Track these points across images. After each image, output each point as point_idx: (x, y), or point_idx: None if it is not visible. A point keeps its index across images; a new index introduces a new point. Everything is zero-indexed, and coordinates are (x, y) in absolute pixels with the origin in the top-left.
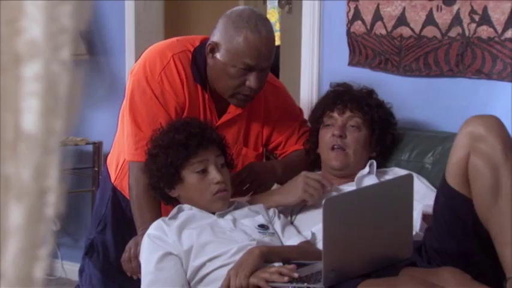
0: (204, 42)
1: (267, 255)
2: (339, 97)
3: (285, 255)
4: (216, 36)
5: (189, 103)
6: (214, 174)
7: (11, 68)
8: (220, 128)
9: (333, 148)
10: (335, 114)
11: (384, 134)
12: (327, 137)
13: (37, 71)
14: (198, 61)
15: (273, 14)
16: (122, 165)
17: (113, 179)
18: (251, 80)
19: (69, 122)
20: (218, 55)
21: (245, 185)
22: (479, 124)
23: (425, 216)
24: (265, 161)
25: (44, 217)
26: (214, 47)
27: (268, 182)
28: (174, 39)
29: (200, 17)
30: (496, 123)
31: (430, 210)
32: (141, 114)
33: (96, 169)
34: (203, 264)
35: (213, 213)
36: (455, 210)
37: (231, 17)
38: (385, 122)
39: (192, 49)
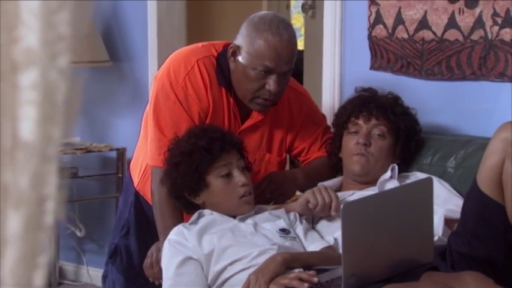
0: (227, 47)
1: (289, 262)
2: (365, 104)
3: (308, 261)
4: (238, 40)
5: (213, 108)
6: (239, 177)
7: (8, 76)
8: (243, 133)
9: (356, 154)
10: (360, 122)
11: (409, 142)
12: (351, 143)
13: (34, 79)
14: (222, 65)
15: (298, 19)
16: (144, 170)
17: (135, 184)
18: (270, 84)
19: (67, 130)
20: (239, 58)
21: (266, 195)
22: None
23: (447, 221)
24: (286, 170)
25: (42, 225)
26: (236, 50)
27: (289, 191)
28: (198, 44)
29: (222, 22)
30: None
31: (452, 215)
32: (164, 118)
33: (120, 175)
34: (224, 268)
35: (234, 217)
36: (487, 216)
37: (253, 20)
38: (410, 130)
39: (216, 54)
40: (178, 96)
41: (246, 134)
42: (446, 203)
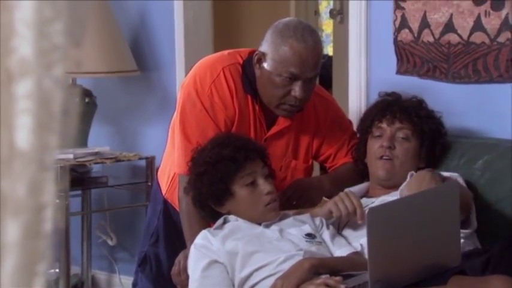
0: (253, 54)
1: (317, 268)
2: (388, 107)
3: (335, 267)
4: (263, 47)
5: (239, 115)
6: (264, 185)
7: (4, 86)
8: (269, 140)
9: (381, 158)
10: (384, 125)
11: (434, 145)
12: (375, 147)
13: (29, 89)
14: (248, 73)
15: (328, 25)
16: (172, 178)
17: (163, 192)
18: (296, 90)
19: (64, 138)
20: (265, 65)
21: (292, 203)
22: None
23: None
24: (312, 177)
25: (41, 232)
26: (261, 57)
27: (315, 199)
28: (224, 52)
29: (250, 29)
30: None
31: None
32: (191, 126)
33: (150, 184)
34: (250, 274)
35: (259, 224)
36: None
37: (278, 27)
38: (434, 133)
39: (241, 61)
40: (205, 104)
41: (271, 141)
42: None
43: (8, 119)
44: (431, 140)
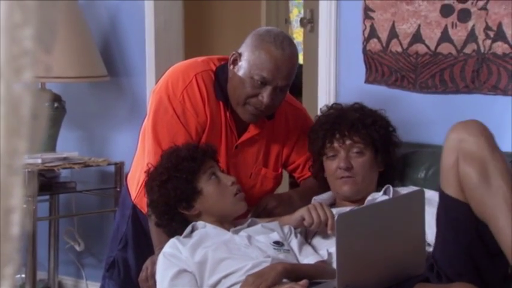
0: (226, 61)
1: (289, 272)
2: (335, 126)
3: (306, 273)
4: (241, 48)
5: (210, 122)
6: (226, 178)
7: None
8: (240, 147)
9: (341, 178)
10: (336, 145)
11: (387, 147)
12: (332, 168)
13: None
14: (220, 79)
15: (299, 33)
16: (142, 184)
17: (133, 197)
18: (264, 96)
19: (33, 143)
20: (239, 65)
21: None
22: (463, 128)
23: None
24: (281, 193)
25: (9, 236)
26: (237, 58)
27: (285, 214)
28: (197, 59)
29: (220, 37)
30: (478, 125)
31: None
32: (162, 132)
33: (118, 189)
34: (218, 281)
35: (227, 229)
36: (454, 216)
37: (260, 31)
38: (384, 136)
39: (214, 68)
40: (176, 111)
41: (242, 148)
42: None
43: None
44: (384, 144)
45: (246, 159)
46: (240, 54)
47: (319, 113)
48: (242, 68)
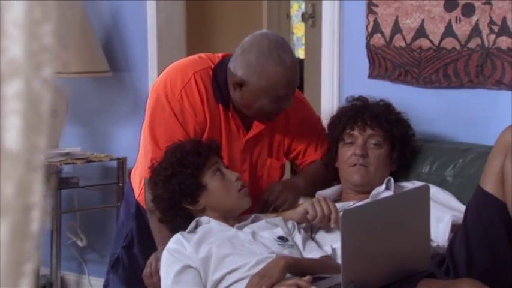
0: (224, 58)
1: (291, 267)
2: (358, 114)
3: (308, 268)
4: (240, 72)
5: (210, 122)
6: (231, 173)
7: None
8: (249, 142)
9: (354, 165)
10: (355, 132)
11: (404, 148)
12: (347, 154)
13: (18, 90)
14: (218, 79)
15: (299, 28)
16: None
17: (136, 195)
18: (286, 105)
19: (52, 139)
20: (246, 90)
21: (270, 205)
22: None
23: (454, 228)
24: (286, 179)
25: (28, 233)
26: (242, 83)
27: (291, 198)
28: (196, 56)
29: (223, 32)
30: None
31: (459, 221)
32: (159, 131)
33: (121, 185)
34: (222, 277)
35: (231, 225)
36: (488, 213)
37: (252, 53)
38: (404, 137)
39: (213, 66)
40: (174, 109)
41: (250, 143)
42: (453, 209)
43: None
44: (402, 144)
45: (254, 152)
46: (243, 80)
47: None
48: (252, 93)
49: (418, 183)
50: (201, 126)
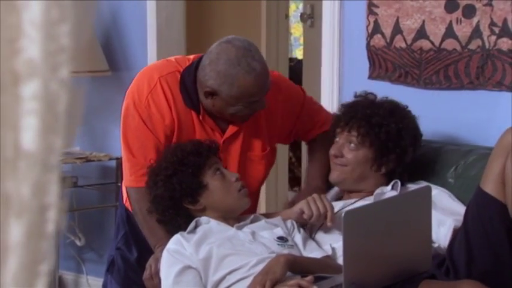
0: (193, 62)
1: (292, 264)
2: (344, 115)
3: (309, 266)
4: (209, 82)
5: (178, 125)
6: (230, 174)
7: (10, 87)
8: (226, 142)
9: (333, 163)
10: (338, 131)
11: (385, 155)
12: (330, 152)
13: (35, 90)
14: (186, 83)
15: (297, 28)
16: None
17: (124, 200)
18: (259, 107)
19: (69, 140)
20: (218, 98)
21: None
22: None
23: (455, 232)
24: (309, 188)
25: (44, 233)
26: (213, 93)
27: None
28: (164, 60)
29: (222, 31)
30: None
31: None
32: (132, 139)
33: (119, 184)
34: (223, 278)
35: (231, 225)
36: (488, 214)
37: (220, 62)
38: (385, 143)
39: (181, 70)
40: (142, 116)
41: (229, 142)
42: (454, 213)
43: (14, 120)
44: (381, 149)
45: (234, 150)
46: (214, 90)
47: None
48: (224, 100)
49: (423, 183)
50: (171, 129)
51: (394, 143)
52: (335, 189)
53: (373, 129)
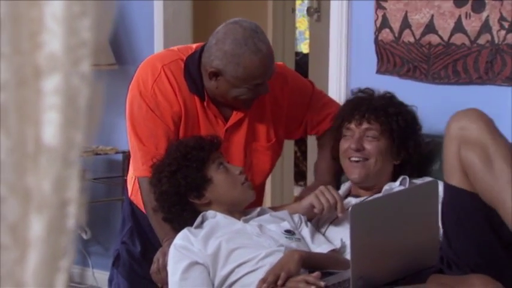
0: (197, 49)
1: (305, 260)
2: (357, 107)
3: (320, 263)
4: (215, 62)
5: (185, 111)
6: (234, 167)
7: (31, 81)
8: (230, 130)
9: (350, 159)
10: (352, 126)
11: (404, 142)
12: (344, 147)
13: (57, 84)
14: (191, 69)
15: (302, 23)
16: (135, 180)
17: (129, 194)
18: (262, 90)
19: (89, 134)
20: (222, 79)
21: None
22: (463, 116)
23: None
24: (317, 182)
25: (65, 228)
26: (217, 73)
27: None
28: (166, 49)
29: None
30: (477, 112)
31: None
32: (141, 129)
33: (126, 178)
34: (231, 271)
35: (238, 218)
36: (462, 207)
37: (227, 42)
38: (403, 131)
39: (184, 58)
40: (150, 105)
41: (232, 131)
42: None
43: (35, 115)
44: (401, 137)
45: (239, 139)
46: (219, 70)
47: (349, 95)
48: (228, 82)
49: (428, 179)
50: (179, 116)
51: (412, 129)
52: (344, 187)
53: (392, 118)
